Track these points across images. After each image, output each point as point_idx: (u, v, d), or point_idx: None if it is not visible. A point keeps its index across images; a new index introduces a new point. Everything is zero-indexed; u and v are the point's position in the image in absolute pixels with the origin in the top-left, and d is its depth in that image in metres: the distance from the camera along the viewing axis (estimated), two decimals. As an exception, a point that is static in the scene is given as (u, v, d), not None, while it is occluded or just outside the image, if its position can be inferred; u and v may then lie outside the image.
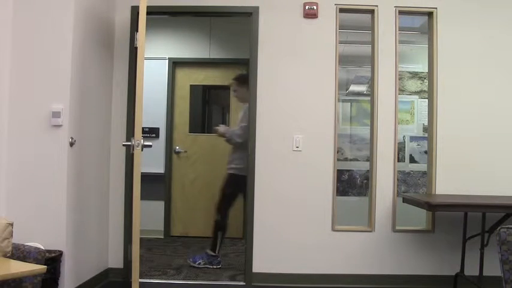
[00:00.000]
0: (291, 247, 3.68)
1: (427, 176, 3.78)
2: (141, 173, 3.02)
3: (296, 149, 3.70)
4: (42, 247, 2.65)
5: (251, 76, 3.75)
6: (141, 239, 3.12)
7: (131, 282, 3.04)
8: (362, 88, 4.47)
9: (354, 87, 4.55)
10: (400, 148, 4.11)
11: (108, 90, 3.69)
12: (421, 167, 4.17)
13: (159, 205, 5.44)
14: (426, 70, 3.89)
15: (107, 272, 3.70)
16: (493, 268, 2.75)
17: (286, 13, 3.73)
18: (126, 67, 3.74)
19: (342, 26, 3.77)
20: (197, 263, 4.14)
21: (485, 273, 3.15)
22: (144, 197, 3.12)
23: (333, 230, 3.68)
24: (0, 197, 2.92)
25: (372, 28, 3.77)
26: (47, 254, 2.63)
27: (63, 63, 2.99)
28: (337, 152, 3.76)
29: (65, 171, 2.97)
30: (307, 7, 3.71)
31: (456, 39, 3.71)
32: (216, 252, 4.15)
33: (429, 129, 3.77)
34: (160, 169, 5.45)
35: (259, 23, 3.73)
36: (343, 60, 3.95)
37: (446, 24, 3.71)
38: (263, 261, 3.67)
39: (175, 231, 5.49)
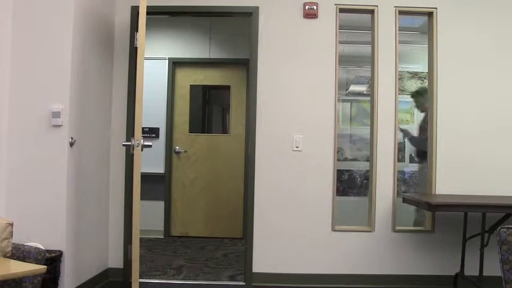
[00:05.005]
0: (291, 247, 3.68)
1: (427, 176, 3.78)
2: (141, 173, 3.02)
3: (296, 149, 3.70)
4: (42, 247, 2.65)
5: (251, 76, 3.75)
6: (141, 239, 3.12)
7: (131, 282, 3.05)
8: (362, 88, 4.47)
9: (354, 87, 4.55)
10: (400, 148, 4.11)
11: (108, 90, 3.69)
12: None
13: (159, 205, 5.44)
14: (426, 70, 3.89)
15: (107, 272, 3.70)
16: (493, 268, 2.75)
17: (286, 13, 3.73)
18: (126, 67, 3.74)
19: (342, 26, 3.77)
20: None
21: (485, 273, 3.15)
22: (144, 197, 3.12)
23: (333, 230, 3.68)
24: (0, 197, 2.92)
25: (372, 28, 3.77)
26: (47, 254, 2.63)
27: (63, 63, 2.99)
28: (337, 152, 3.75)
29: (65, 171, 2.97)
30: (307, 7, 3.71)
31: (456, 39, 3.71)
32: None
33: (429, 129, 3.77)
34: (160, 169, 5.45)
35: (259, 23, 3.72)
36: (343, 60, 3.95)
37: (446, 24, 3.71)
38: (263, 261, 3.67)
39: (175, 231, 5.49)
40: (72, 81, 3.02)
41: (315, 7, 3.71)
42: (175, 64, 5.58)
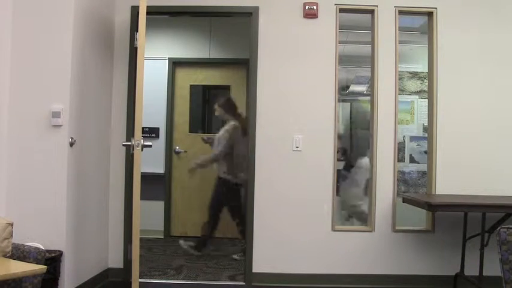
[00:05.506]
0: (291, 247, 3.68)
1: (427, 176, 3.77)
2: (141, 173, 3.02)
3: (296, 149, 3.70)
4: (42, 247, 2.64)
5: (251, 76, 3.75)
6: (141, 239, 3.11)
7: (131, 282, 3.05)
8: (362, 88, 4.48)
9: (354, 87, 4.56)
10: (400, 148, 4.12)
11: (108, 90, 3.69)
12: (421, 167, 4.17)
13: (159, 205, 5.44)
14: (426, 70, 3.88)
15: (107, 272, 3.70)
16: (493, 268, 2.74)
17: (286, 13, 3.73)
18: (126, 67, 3.74)
19: (342, 26, 3.77)
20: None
21: (485, 273, 3.15)
22: (144, 197, 3.11)
23: (333, 230, 3.68)
24: (0, 197, 2.92)
25: (372, 28, 3.77)
26: (47, 254, 2.63)
27: (63, 63, 2.99)
28: (337, 152, 3.75)
29: (65, 171, 2.97)
30: (307, 7, 3.71)
31: (456, 39, 3.71)
32: None
33: (429, 129, 3.77)
34: (160, 169, 5.45)
35: (259, 23, 3.72)
36: (343, 60, 3.95)
37: (446, 24, 3.71)
38: (263, 261, 3.67)
39: (175, 231, 5.49)
40: (72, 81, 3.02)
41: (315, 7, 3.71)
42: (175, 64, 5.58)
